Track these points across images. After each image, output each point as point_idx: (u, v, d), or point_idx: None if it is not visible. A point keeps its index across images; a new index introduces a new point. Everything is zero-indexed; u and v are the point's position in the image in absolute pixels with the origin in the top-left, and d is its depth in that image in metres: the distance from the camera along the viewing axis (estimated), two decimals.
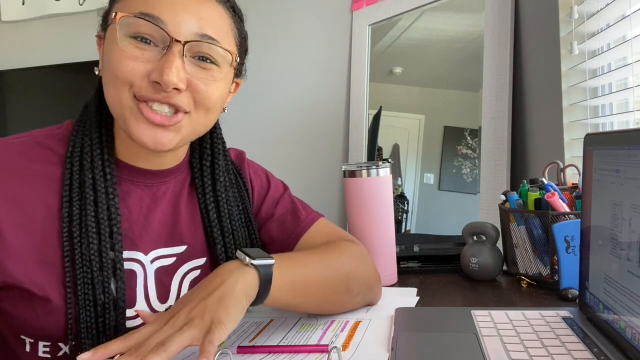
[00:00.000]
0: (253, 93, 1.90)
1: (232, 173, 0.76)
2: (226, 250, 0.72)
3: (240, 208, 0.75)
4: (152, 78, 0.58)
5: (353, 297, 0.70)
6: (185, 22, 0.59)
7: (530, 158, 1.29)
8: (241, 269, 0.55)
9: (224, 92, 0.65)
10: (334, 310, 0.69)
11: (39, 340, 0.61)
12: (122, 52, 0.58)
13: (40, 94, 2.03)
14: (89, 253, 0.60)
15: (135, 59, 0.58)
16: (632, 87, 0.93)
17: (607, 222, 0.54)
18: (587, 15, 1.04)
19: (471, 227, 0.95)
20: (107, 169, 0.63)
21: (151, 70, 0.58)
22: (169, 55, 0.58)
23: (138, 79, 0.58)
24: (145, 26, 0.58)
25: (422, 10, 1.58)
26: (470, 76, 1.43)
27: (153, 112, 0.59)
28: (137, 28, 0.58)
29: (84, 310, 0.59)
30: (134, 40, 0.58)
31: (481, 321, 0.61)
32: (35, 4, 2.10)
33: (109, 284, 0.60)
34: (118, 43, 0.58)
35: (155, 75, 0.57)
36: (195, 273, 0.70)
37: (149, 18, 0.58)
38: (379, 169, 0.90)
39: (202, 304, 0.50)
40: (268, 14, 1.90)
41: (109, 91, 0.61)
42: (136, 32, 0.58)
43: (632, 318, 0.48)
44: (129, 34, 0.58)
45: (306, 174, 1.84)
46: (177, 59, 0.58)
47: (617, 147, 0.52)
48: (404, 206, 1.56)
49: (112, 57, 0.59)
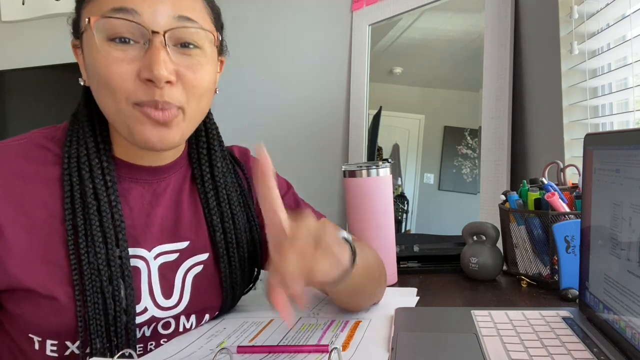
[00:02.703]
0: (253, 93, 1.90)
1: (227, 159, 0.77)
2: (225, 237, 0.72)
3: (238, 192, 0.76)
4: (143, 76, 0.57)
5: (381, 290, 0.75)
6: (160, 9, 0.58)
7: (530, 158, 1.29)
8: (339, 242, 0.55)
9: (212, 75, 0.65)
10: (370, 300, 0.73)
11: (46, 339, 0.61)
12: (106, 58, 0.57)
13: (40, 94, 2.03)
14: (97, 261, 0.60)
15: (121, 62, 0.57)
16: (632, 87, 0.93)
17: (607, 222, 0.54)
18: (587, 15, 1.04)
19: (471, 227, 0.95)
20: (107, 177, 0.63)
21: (139, 69, 0.57)
22: (153, 50, 0.57)
23: (130, 83, 0.57)
24: (122, 26, 0.57)
25: (422, 10, 1.58)
26: (470, 76, 1.43)
27: (156, 111, 0.59)
28: (114, 29, 0.57)
29: (92, 310, 0.59)
30: (113, 43, 0.57)
31: (481, 321, 0.61)
32: (35, 4, 2.10)
33: (119, 289, 0.61)
34: (99, 50, 0.57)
35: (145, 73, 0.57)
36: (198, 268, 0.70)
37: (122, 14, 0.56)
38: (379, 169, 0.90)
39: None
40: (268, 14, 1.90)
41: (105, 101, 0.60)
42: (114, 33, 0.57)
43: (632, 318, 0.48)
44: (107, 37, 0.57)
45: (306, 174, 1.84)
46: (162, 51, 0.57)
47: (617, 147, 0.52)
48: (404, 206, 1.56)
49: (97, 66, 0.58)
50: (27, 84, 2.04)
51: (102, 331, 0.60)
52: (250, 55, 1.88)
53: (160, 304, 0.66)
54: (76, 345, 0.60)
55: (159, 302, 0.66)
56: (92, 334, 0.59)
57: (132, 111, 0.59)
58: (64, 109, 0.72)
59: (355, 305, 0.71)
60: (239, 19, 1.90)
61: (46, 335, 0.60)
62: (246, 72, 1.88)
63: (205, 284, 0.71)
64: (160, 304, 0.66)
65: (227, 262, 0.72)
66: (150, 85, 0.57)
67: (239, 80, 1.87)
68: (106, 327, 0.60)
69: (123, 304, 0.61)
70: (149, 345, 0.66)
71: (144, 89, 0.58)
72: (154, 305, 0.65)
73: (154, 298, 0.65)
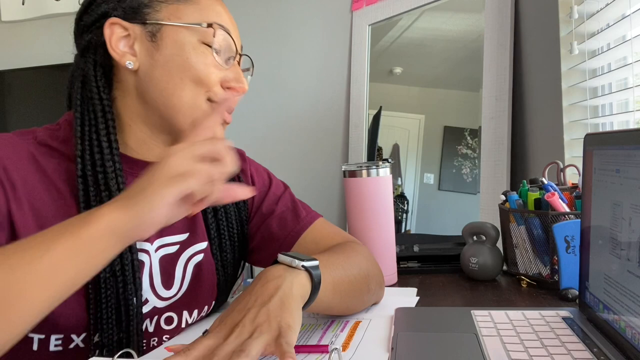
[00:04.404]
0: (253, 93, 1.90)
1: None
2: (218, 227, 0.74)
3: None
4: (228, 85, 0.65)
5: (370, 295, 0.72)
6: (237, 37, 0.68)
7: (530, 158, 1.29)
8: (291, 272, 0.54)
9: None
10: (357, 309, 0.71)
11: (51, 334, 0.61)
12: (204, 58, 0.63)
13: (40, 94, 2.03)
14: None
15: (215, 66, 0.64)
16: (632, 87, 0.93)
17: (607, 222, 0.54)
18: (587, 15, 1.04)
19: (471, 227, 0.95)
20: (118, 176, 0.63)
21: (223, 78, 0.65)
22: (239, 67, 0.68)
23: (215, 85, 0.65)
24: (220, 37, 0.64)
25: (422, 10, 1.58)
26: (470, 76, 1.43)
27: (228, 115, 0.67)
28: (211, 38, 0.64)
29: (104, 302, 0.60)
30: (207, 47, 0.64)
31: (481, 321, 0.61)
32: (35, 4, 2.10)
33: (130, 281, 0.61)
34: (195, 49, 0.63)
35: (234, 84, 0.66)
36: (199, 257, 0.72)
37: (224, 30, 0.65)
38: (379, 169, 0.90)
39: (264, 309, 0.50)
40: (268, 14, 1.90)
41: (183, 92, 0.63)
42: (210, 41, 0.64)
43: (632, 318, 0.48)
44: (202, 41, 0.63)
45: (306, 174, 1.84)
46: (242, 70, 0.69)
47: (617, 147, 0.52)
48: (404, 206, 1.56)
49: (188, 60, 0.63)
50: (27, 84, 2.04)
51: (112, 323, 0.61)
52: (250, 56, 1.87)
53: (160, 294, 0.67)
54: (81, 338, 0.61)
55: (159, 292, 0.67)
56: (103, 325, 0.60)
57: (205, 106, 0.65)
58: (64, 109, 0.72)
59: (344, 312, 0.70)
60: (239, 18, 1.90)
61: (52, 330, 0.60)
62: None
63: (204, 271, 0.72)
64: (161, 295, 0.67)
65: (219, 251, 0.74)
66: (229, 93, 0.66)
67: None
68: (117, 319, 0.61)
69: (133, 296, 0.62)
70: (152, 341, 0.66)
71: (221, 95, 0.65)
72: (155, 297, 0.66)
73: (154, 288, 0.67)
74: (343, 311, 0.68)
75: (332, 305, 0.63)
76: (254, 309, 0.50)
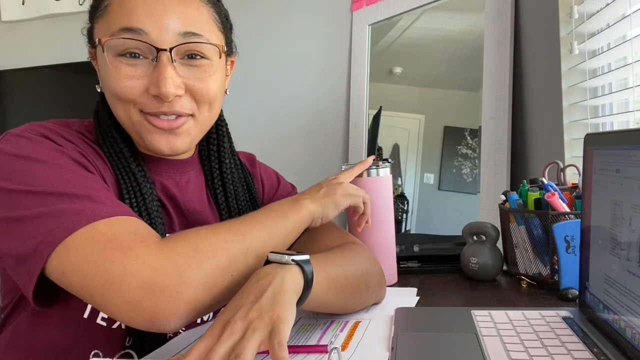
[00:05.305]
0: (253, 93, 1.90)
1: (235, 155, 0.81)
2: None
3: (245, 188, 0.80)
4: (152, 92, 0.62)
5: (370, 294, 0.72)
6: (166, 27, 0.61)
7: (530, 158, 1.29)
8: (282, 268, 0.54)
9: (221, 82, 0.69)
10: (355, 307, 0.71)
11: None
12: (116, 73, 0.61)
13: (40, 94, 2.03)
14: None
15: (131, 77, 0.61)
16: (632, 87, 0.93)
17: (607, 222, 0.54)
18: (587, 15, 1.04)
19: (471, 227, 0.95)
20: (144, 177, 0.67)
21: (148, 85, 0.62)
22: (160, 67, 0.61)
23: (139, 96, 0.62)
24: (130, 42, 0.61)
25: (422, 10, 1.58)
26: (470, 76, 1.43)
27: (160, 121, 0.64)
28: (123, 46, 0.61)
29: None
30: (123, 57, 0.61)
31: (481, 321, 0.61)
32: (35, 4, 2.10)
33: None
34: (109, 65, 0.61)
35: (154, 90, 0.61)
36: None
37: (130, 34, 0.60)
38: (379, 169, 0.90)
39: (257, 305, 0.49)
40: (268, 14, 1.89)
41: (116, 110, 0.65)
42: (123, 49, 0.61)
43: (632, 318, 0.48)
44: (117, 53, 0.61)
45: (306, 173, 1.84)
46: (168, 68, 0.61)
47: (617, 147, 0.52)
48: (404, 206, 1.56)
49: (108, 79, 0.62)
50: (27, 84, 2.04)
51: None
52: (250, 56, 1.87)
53: None
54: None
55: None
56: None
57: (141, 120, 0.64)
58: (64, 109, 0.74)
59: (342, 310, 0.70)
60: (239, 19, 1.90)
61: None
62: (246, 72, 1.88)
63: None
64: None
65: None
66: (159, 100, 0.62)
67: (238, 80, 1.87)
68: None
69: None
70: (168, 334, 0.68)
71: (154, 102, 0.62)
72: None
73: None
74: (341, 309, 0.68)
75: (328, 302, 0.62)
76: (245, 306, 0.50)
